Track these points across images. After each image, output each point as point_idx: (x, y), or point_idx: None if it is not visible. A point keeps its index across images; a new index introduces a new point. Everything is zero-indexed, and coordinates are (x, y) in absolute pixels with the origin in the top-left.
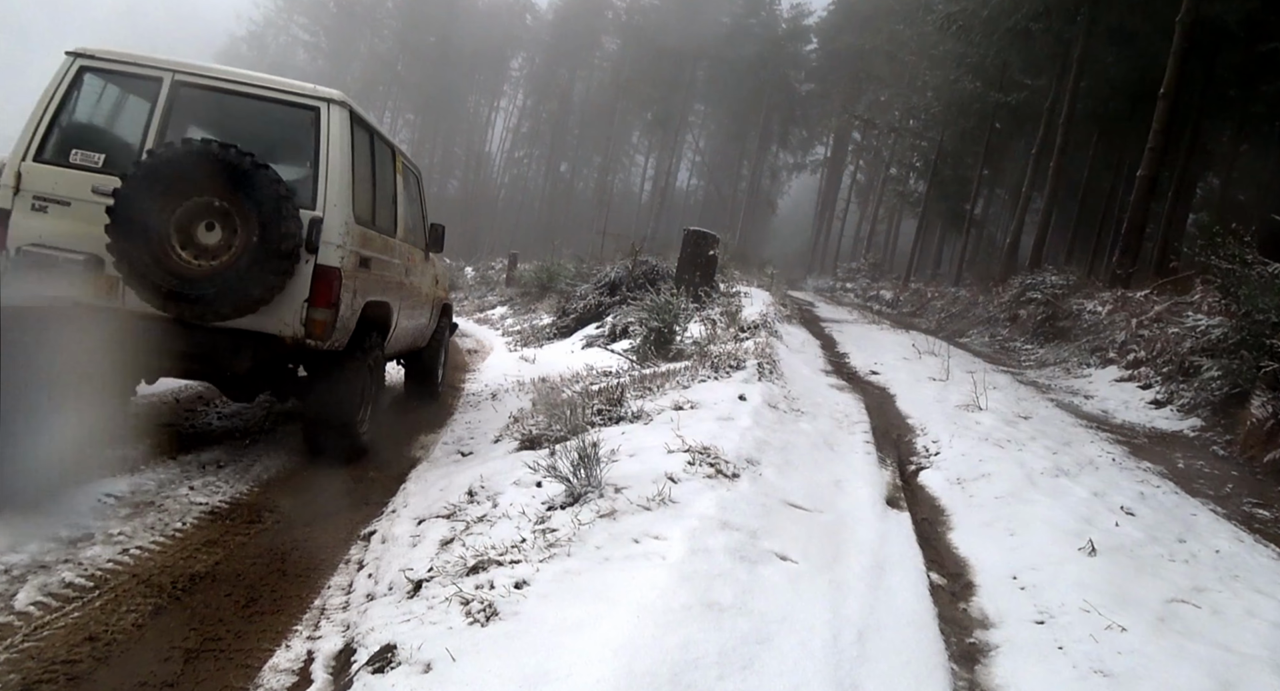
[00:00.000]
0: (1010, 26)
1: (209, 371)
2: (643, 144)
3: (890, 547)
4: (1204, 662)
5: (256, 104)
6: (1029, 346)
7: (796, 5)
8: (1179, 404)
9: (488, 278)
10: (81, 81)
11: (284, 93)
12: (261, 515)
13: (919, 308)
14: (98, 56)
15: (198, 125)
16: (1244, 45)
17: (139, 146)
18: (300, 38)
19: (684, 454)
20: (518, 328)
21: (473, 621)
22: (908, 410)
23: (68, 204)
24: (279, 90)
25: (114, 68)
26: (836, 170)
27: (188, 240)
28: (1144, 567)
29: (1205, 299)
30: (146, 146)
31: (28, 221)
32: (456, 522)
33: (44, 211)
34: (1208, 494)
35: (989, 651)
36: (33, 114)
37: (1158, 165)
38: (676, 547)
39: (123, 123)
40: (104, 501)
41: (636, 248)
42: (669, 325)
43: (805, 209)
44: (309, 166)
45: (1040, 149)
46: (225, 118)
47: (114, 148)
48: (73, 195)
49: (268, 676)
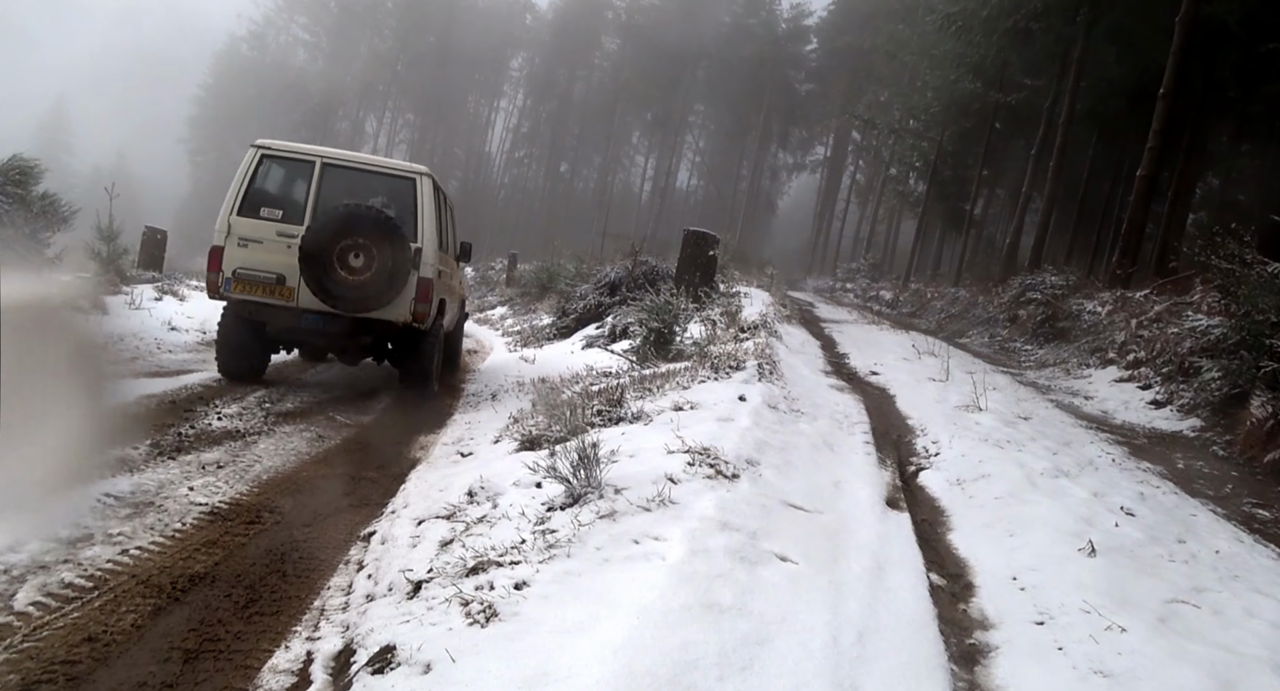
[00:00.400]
0: (1010, 26)
1: (343, 345)
2: (643, 144)
3: (890, 548)
4: (1204, 663)
5: (375, 176)
6: (1029, 347)
7: (796, 5)
8: (1179, 404)
9: (488, 278)
10: (262, 164)
11: (392, 168)
12: (261, 516)
13: (919, 308)
14: (272, 148)
15: (339, 190)
16: (1244, 45)
17: (304, 205)
18: (301, 38)
19: (684, 454)
20: (518, 328)
21: (472, 622)
22: (907, 411)
23: (260, 242)
24: (388, 167)
25: (282, 155)
26: (836, 170)
27: (343, 263)
28: (1144, 568)
29: (1205, 299)
30: (308, 206)
31: (235, 253)
32: (456, 523)
33: (245, 247)
34: (1207, 494)
35: (989, 652)
36: (233, 184)
37: (1157, 165)
38: (676, 548)
39: (291, 189)
40: (104, 501)
41: (636, 248)
42: (669, 325)
43: (805, 209)
44: (411, 215)
45: (1040, 149)
46: (355, 185)
47: (288, 206)
48: (263, 237)
49: (267, 677)
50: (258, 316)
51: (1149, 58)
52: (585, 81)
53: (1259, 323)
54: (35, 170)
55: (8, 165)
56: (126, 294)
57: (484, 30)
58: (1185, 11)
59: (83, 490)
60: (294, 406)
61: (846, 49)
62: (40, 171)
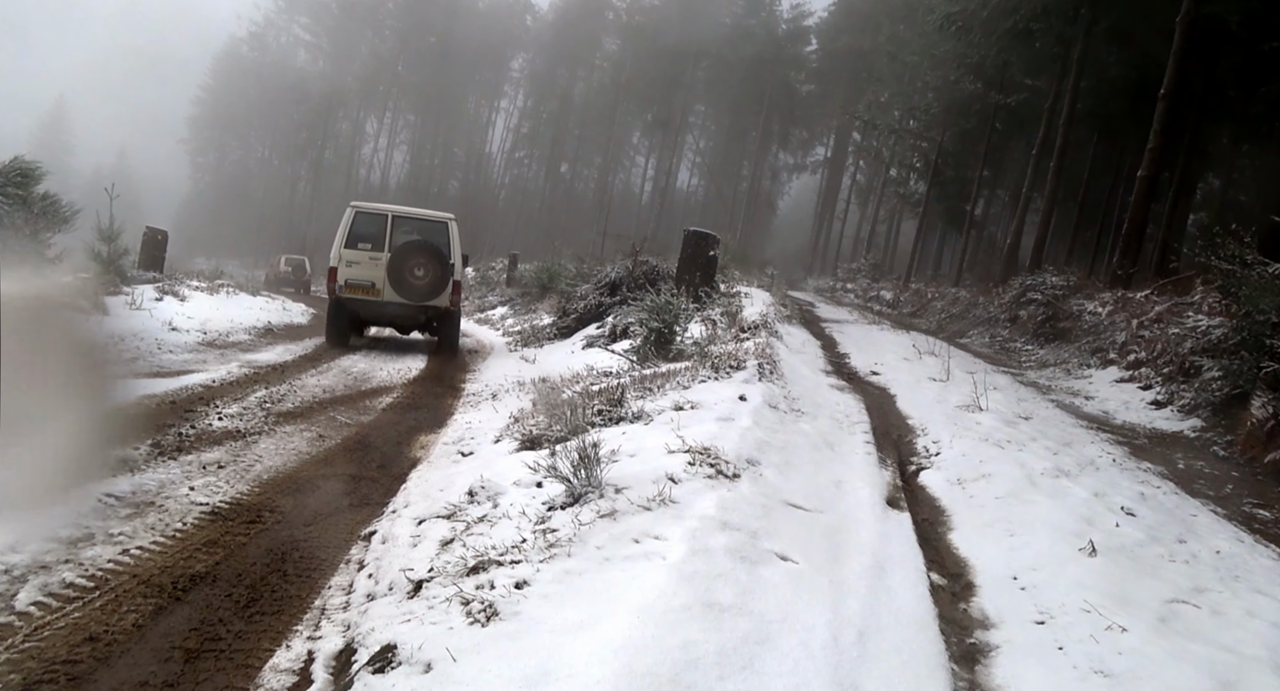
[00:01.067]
0: (1010, 27)
1: (410, 322)
2: (643, 144)
3: (890, 548)
4: (1204, 663)
5: (424, 221)
6: (1029, 347)
7: (796, 5)
8: (1179, 404)
9: (488, 278)
10: (356, 217)
11: (432, 216)
12: (262, 515)
13: (919, 308)
14: (361, 207)
15: (402, 229)
16: (1244, 45)
17: (383, 239)
18: (301, 38)
19: (684, 454)
20: (518, 328)
21: (473, 621)
22: (908, 410)
23: (359, 263)
24: (429, 215)
25: (367, 211)
26: (837, 171)
27: (412, 274)
28: (1144, 568)
29: (1205, 299)
30: (386, 239)
31: (345, 271)
32: (457, 523)
33: (350, 267)
34: (1208, 494)
35: (989, 652)
36: (340, 229)
37: (1158, 166)
38: (677, 548)
39: (374, 230)
40: (105, 501)
41: (637, 248)
42: (669, 325)
43: (805, 209)
44: (445, 244)
45: (1040, 149)
46: (410, 226)
47: (373, 240)
48: (360, 260)
49: (268, 676)
50: (354, 307)
51: (1149, 58)
52: (585, 82)
53: (1260, 323)
54: (36, 171)
55: (9, 166)
56: (127, 294)
57: (484, 31)
58: (1186, 12)
59: (84, 490)
60: (294, 406)
61: (847, 49)
62: (41, 172)
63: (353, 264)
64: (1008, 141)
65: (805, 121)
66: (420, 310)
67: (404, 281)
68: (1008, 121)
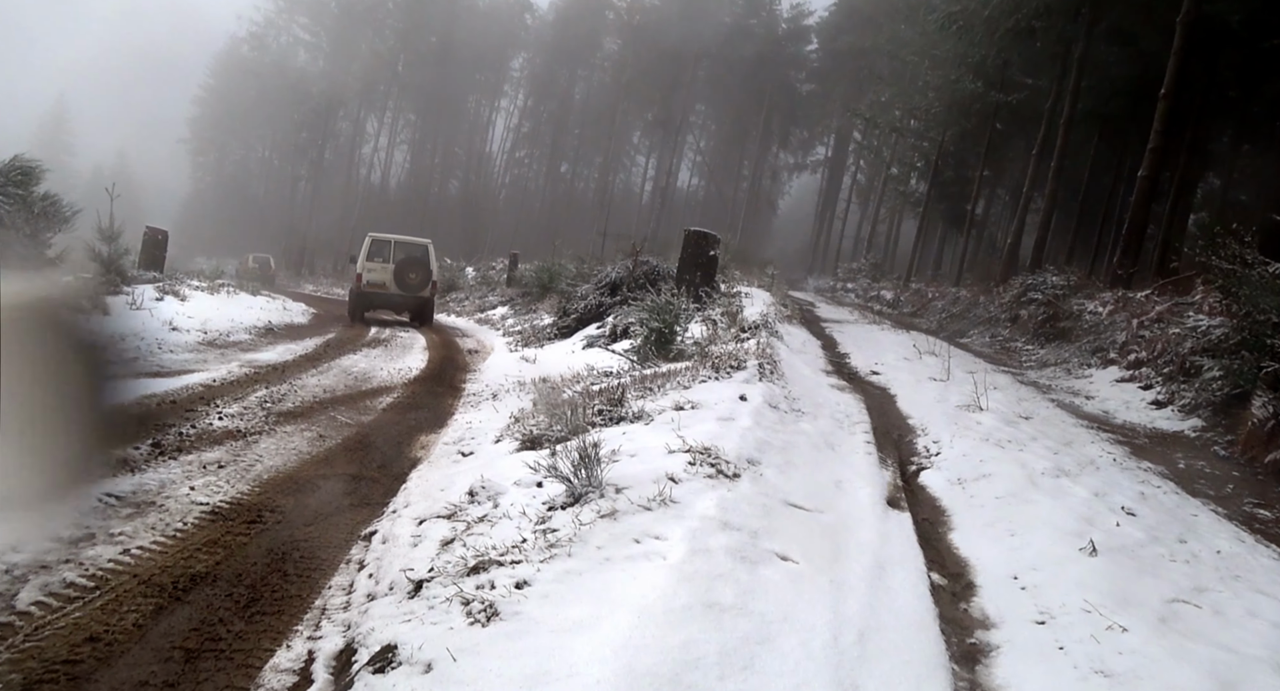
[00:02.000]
0: (1011, 26)
1: (405, 307)
2: (643, 144)
3: (891, 548)
4: (1205, 663)
5: (414, 244)
6: (1030, 347)
7: (797, 5)
8: (1180, 404)
9: (488, 278)
10: (371, 241)
11: (419, 240)
12: (262, 515)
13: (920, 308)
14: (375, 236)
15: (401, 248)
16: (1245, 45)
17: (389, 255)
18: (301, 38)
19: (685, 454)
20: (518, 328)
21: (474, 621)
22: (908, 410)
23: (375, 270)
24: (418, 240)
25: (378, 237)
26: (837, 170)
27: (408, 275)
28: (1145, 568)
29: (1206, 299)
30: (391, 255)
31: (366, 275)
32: (457, 522)
33: (369, 272)
34: (1209, 494)
35: (990, 652)
36: (362, 249)
37: (1158, 165)
38: (677, 548)
39: (384, 249)
40: (105, 501)
41: (637, 248)
42: (670, 325)
43: (806, 209)
44: (427, 257)
45: (1041, 149)
46: (406, 247)
47: (383, 255)
48: (374, 268)
49: (269, 676)
50: (370, 294)
51: (1150, 58)
52: (586, 82)
53: (1260, 323)
54: (36, 171)
55: (9, 166)
56: (127, 294)
57: (485, 30)
58: (1186, 11)
59: (84, 490)
60: (295, 406)
61: (847, 49)
62: (41, 172)
63: (370, 270)
64: (1008, 141)
65: (805, 121)
66: (412, 299)
67: (403, 281)
68: (1008, 121)
